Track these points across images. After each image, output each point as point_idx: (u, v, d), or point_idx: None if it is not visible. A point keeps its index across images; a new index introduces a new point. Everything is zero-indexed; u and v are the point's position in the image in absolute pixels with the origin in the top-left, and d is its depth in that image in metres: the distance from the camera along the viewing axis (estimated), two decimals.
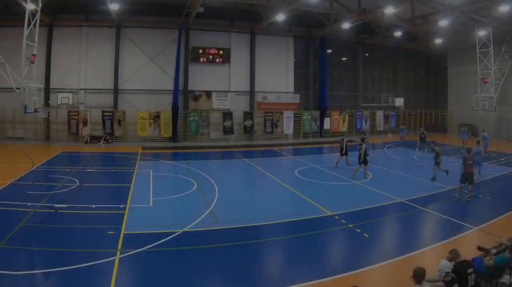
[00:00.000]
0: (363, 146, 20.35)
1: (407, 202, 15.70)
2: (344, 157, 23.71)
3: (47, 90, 33.08)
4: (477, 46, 33.46)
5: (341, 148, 23.82)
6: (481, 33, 32.99)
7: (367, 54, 43.18)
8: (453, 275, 7.41)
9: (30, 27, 20.82)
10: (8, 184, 17.83)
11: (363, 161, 20.42)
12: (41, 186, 17.77)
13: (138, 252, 10.54)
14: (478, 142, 21.37)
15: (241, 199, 17.02)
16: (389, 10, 28.63)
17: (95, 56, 34.57)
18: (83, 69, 34.41)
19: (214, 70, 36.79)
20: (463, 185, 16.48)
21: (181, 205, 15.72)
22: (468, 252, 9.29)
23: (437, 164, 20.04)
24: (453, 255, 8.09)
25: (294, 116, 38.39)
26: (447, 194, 17.40)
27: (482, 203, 16.43)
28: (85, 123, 33.87)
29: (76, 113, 33.83)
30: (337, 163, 23.76)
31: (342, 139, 24.00)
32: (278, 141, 37.21)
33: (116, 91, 34.79)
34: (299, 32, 39.36)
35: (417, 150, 29.30)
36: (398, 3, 28.39)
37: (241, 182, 20.86)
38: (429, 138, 29.16)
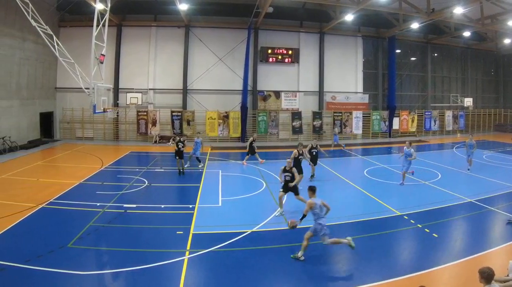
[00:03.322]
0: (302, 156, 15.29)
1: (476, 202, 13.44)
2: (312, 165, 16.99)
3: (116, 90, 28.55)
4: None
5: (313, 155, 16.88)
6: None
7: (435, 54, 35.89)
8: None
9: (99, 27, 17.58)
10: (77, 183, 15.60)
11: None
12: (110, 186, 15.52)
13: (207, 252, 9.17)
14: None
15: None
16: (458, 10, 23.82)
17: (164, 56, 29.38)
18: (152, 69, 29.17)
19: (283, 70, 30.67)
20: None
21: (250, 205, 13.28)
22: None
23: None
24: None
25: (363, 116, 31.92)
26: None
27: None
28: (154, 124, 28.66)
29: (145, 113, 28.65)
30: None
31: (317, 145, 17.14)
32: (347, 141, 30.76)
33: (185, 91, 29.24)
34: (368, 32, 32.65)
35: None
36: (467, 3, 23.74)
37: (309, 181, 16.35)
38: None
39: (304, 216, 8.85)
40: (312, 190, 9.06)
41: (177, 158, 17.68)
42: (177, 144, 17.59)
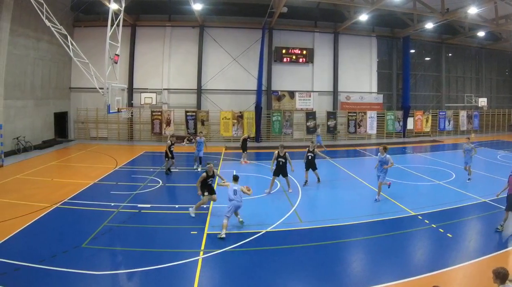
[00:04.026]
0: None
1: (490, 202, 12.91)
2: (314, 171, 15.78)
3: (130, 90, 27.58)
4: None
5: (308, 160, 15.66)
6: None
7: (450, 54, 34.59)
8: None
9: (113, 27, 16.82)
10: (92, 183, 15.17)
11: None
12: (124, 185, 15.09)
13: (221, 252, 8.85)
14: None
15: (324, 199, 14.25)
16: (473, 10, 22.87)
17: (178, 56, 28.40)
18: (166, 69, 28.22)
19: (297, 70, 29.55)
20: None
21: (264, 205, 12.91)
22: None
23: None
24: None
25: (377, 116, 30.73)
26: None
27: None
28: (168, 123, 27.69)
29: (159, 113, 27.68)
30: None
31: (313, 149, 15.66)
32: (361, 141, 29.83)
33: (199, 91, 28.22)
34: (382, 32, 31.43)
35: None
36: (482, 3, 22.87)
37: (324, 181, 16.26)
38: None
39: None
40: (234, 179, 10.61)
41: (167, 159, 17.09)
42: (169, 147, 17.05)
